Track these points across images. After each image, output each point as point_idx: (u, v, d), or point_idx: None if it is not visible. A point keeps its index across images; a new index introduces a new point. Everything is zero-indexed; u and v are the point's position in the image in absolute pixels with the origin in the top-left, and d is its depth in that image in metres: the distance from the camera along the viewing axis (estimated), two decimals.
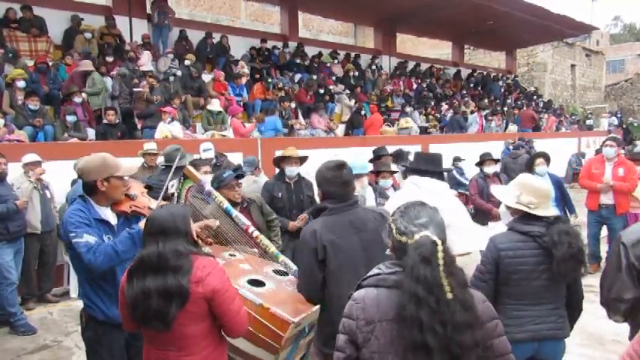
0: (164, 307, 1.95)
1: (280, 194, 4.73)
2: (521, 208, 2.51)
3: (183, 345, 2.07)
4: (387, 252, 1.70)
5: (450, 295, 1.42)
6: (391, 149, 8.81)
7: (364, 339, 1.54)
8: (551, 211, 2.51)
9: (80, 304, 2.62)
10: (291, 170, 4.75)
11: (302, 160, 4.90)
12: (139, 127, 8.36)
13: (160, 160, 5.84)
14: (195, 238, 2.25)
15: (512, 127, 13.94)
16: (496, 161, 6.30)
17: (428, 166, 3.19)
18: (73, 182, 5.87)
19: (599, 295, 2.51)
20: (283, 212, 4.64)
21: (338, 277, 2.38)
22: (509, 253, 2.44)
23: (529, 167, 5.96)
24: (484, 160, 6.16)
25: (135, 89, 8.58)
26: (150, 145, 6.21)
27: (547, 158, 5.92)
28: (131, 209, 2.58)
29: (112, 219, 2.60)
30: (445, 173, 3.88)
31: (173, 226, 2.08)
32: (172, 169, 2.93)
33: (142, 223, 2.41)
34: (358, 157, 4.76)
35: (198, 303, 2.04)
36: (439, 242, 1.49)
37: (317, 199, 2.95)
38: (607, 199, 6.07)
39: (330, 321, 2.41)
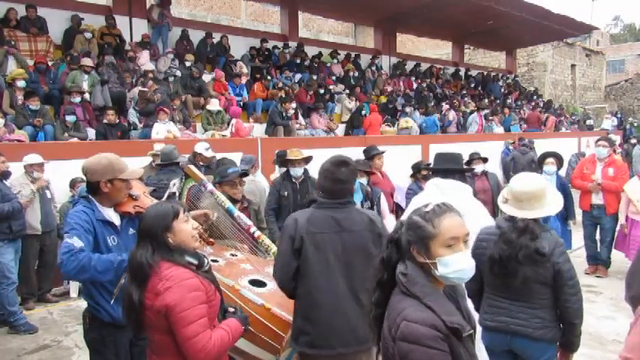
0: (128, 310, 1.98)
1: (286, 193, 4.85)
2: (498, 199, 2.65)
3: (159, 351, 2.03)
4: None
5: None
6: (391, 149, 8.80)
7: None
8: (523, 213, 2.49)
9: (80, 303, 2.62)
10: (295, 171, 4.83)
11: (307, 159, 4.96)
12: (140, 126, 8.37)
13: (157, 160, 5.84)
14: (187, 242, 2.08)
15: (498, 129, 13.69)
16: (484, 160, 6.30)
17: (448, 165, 3.15)
18: (72, 182, 5.86)
19: (600, 296, 2.52)
20: (287, 211, 4.68)
21: (312, 273, 2.38)
22: (482, 244, 2.58)
23: (539, 165, 6.00)
24: (472, 159, 6.18)
25: (141, 89, 8.61)
26: (160, 146, 6.21)
27: (559, 159, 5.90)
28: (134, 210, 2.57)
29: (116, 219, 2.58)
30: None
31: (144, 229, 2.01)
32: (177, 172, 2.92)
33: None
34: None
35: (157, 316, 1.94)
36: None
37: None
38: (597, 199, 6.10)
39: (301, 315, 2.41)
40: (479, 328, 2.46)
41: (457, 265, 1.51)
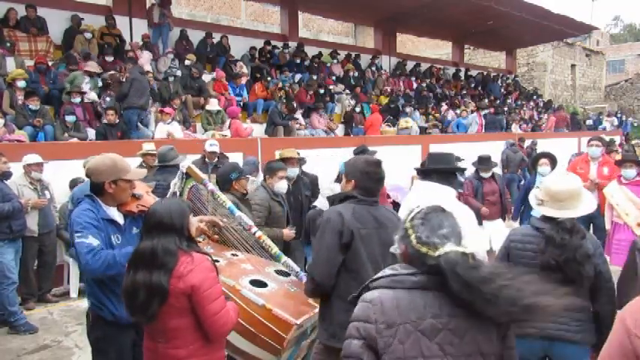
0: (147, 302, 2.03)
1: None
2: (532, 201, 2.62)
3: (170, 337, 2.11)
4: (397, 254, 1.61)
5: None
6: (391, 149, 8.81)
7: (385, 344, 1.43)
8: (564, 213, 2.42)
9: (80, 303, 2.63)
10: (292, 171, 4.74)
11: (300, 161, 4.93)
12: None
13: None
14: (193, 235, 2.25)
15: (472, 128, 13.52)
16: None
17: (437, 165, 3.14)
18: (72, 182, 5.85)
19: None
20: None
21: (360, 268, 2.36)
22: (518, 245, 2.53)
23: (532, 166, 5.96)
24: (481, 163, 6.13)
25: (111, 73, 8.53)
26: (149, 146, 6.20)
27: (552, 159, 5.87)
28: (138, 209, 2.59)
29: (119, 219, 2.61)
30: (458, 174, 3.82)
31: (169, 222, 2.11)
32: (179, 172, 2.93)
33: None
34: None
35: (179, 298, 2.06)
36: (469, 254, 1.44)
37: (327, 192, 2.93)
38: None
39: (343, 310, 2.31)
40: None
41: None
